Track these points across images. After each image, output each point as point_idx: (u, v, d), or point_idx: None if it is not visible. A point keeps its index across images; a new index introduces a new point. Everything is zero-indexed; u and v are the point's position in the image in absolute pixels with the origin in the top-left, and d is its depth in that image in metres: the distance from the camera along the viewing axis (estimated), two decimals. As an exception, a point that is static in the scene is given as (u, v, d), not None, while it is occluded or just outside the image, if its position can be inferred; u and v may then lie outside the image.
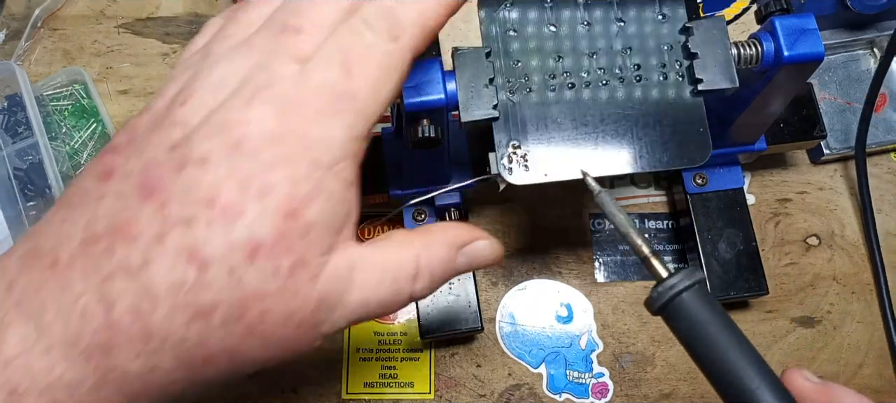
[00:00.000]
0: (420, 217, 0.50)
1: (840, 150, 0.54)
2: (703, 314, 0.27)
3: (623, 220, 0.30)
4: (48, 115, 0.54)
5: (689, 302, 0.27)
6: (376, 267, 0.27)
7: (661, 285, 0.28)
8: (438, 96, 0.37)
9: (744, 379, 0.26)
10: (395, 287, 0.27)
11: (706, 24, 0.38)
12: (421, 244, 0.28)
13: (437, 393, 0.50)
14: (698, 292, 0.27)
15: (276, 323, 0.25)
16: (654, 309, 0.28)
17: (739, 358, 0.26)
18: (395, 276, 0.27)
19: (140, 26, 0.58)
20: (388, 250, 0.27)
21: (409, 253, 0.27)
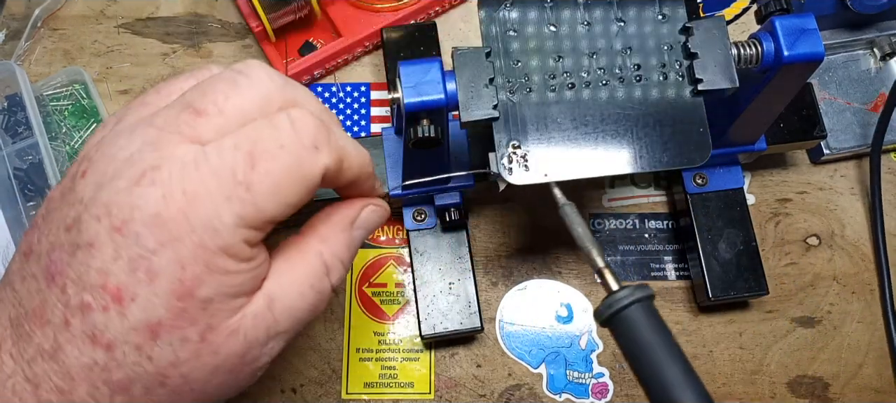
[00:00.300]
0: (420, 217, 0.50)
1: (840, 150, 0.54)
2: (645, 329, 0.28)
3: (581, 233, 0.31)
4: (48, 115, 0.54)
5: (634, 316, 0.28)
6: (293, 285, 0.27)
7: (610, 297, 0.29)
8: (438, 96, 0.36)
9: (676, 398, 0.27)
10: (314, 291, 0.28)
11: (706, 24, 0.38)
12: (318, 241, 0.29)
13: (437, 394, 0.50)
14: (644, 307, 0.28)
15: (205, 379, 0.25)
16: (601, 319, 0.29)
17: (674, 376, 0.27)
18: (311, 283, 0.28)
19: (140, 26, 0.58)
20: (296, 262, 0.28)
21: (312, 255, 0.28)
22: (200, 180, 0.24)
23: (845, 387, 0.51)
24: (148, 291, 0.23)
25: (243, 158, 0.24)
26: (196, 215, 0.23)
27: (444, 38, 0.56)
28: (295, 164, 0.25)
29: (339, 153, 0.26)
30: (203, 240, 0.24)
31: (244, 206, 0.24)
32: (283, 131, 0.25)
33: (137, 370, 0.24)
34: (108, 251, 0.23)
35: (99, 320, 0.24)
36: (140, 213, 0.23)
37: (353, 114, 0.55)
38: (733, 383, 0.51)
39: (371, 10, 0.55)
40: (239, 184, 0.24)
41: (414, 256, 0.49)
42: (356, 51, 0.56)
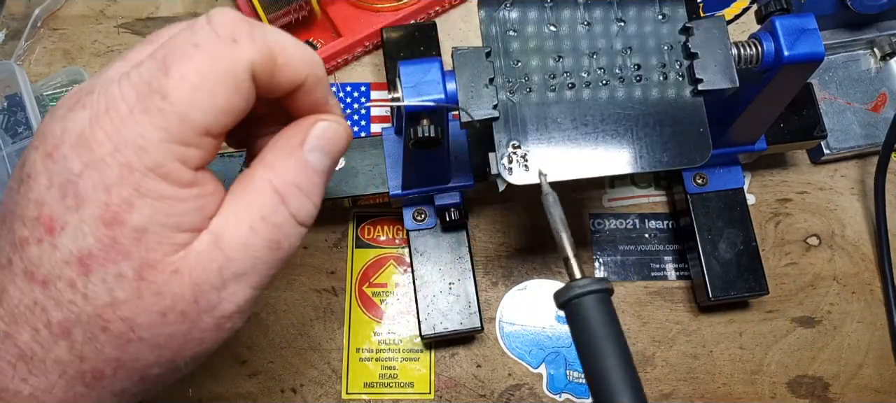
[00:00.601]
0: (420, 217, 0.50)
1: (840, 150, 0.54)
2: (597, 319, 0.29)
3: (557, 221, 0.32)
4: (48, 115, 0.54)
5: (588, 305, 0.29)
6: (241, 219, 0.24)
7: (571, 283, 0.30)
8: (438, 96, 0.36)
9: (613, 389, 0.28)
10: (269, 224, 0.25)
11: (706, 23, 0.38)
12: (265, 168, 0.25)
13: (437, 394, 0.50)
14: (600, 299, 0.29)
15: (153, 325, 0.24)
16: (558, 302, 0.30)
17: (615, 368, 0.28)
18: (263, 214, 0.25)
19: (140, 26, 0.58)
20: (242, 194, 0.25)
21: (261, 183, 0.25)
22: (121, 96, 0.22)
23: (845, 387, 0.51)
24: (76, 218, 0.22)
25: (158, 65, 0.22)
26: (118, 133, 0.22)
27: (444, 38, 0.56)
28: (212, 62, 0.22)
29: (270, 46, 0.24)
30: (129, 160, 0.22)
31: (165, 117, 0.22)
32: (198, 31, 0.23)
33: (74, 310, 0.23)
34: (43, 179, 0.22)
35: (34, 254, 0.22)
36: (68, 136, 0.22)
37: (353, 114, 0.55)
38: (733, 383, 0.51)
39: (371, 10, 0.55)
40: (154, 92, 0.22)
41: (414, 256, 0.49)
42: (356, 51, 0.56)
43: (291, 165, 0.26)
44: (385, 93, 0.56)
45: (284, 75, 0.25)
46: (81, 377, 0.24)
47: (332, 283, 0.52)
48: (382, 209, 0.53)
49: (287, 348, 0.50)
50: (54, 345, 0.23)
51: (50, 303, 0.23)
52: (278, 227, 0.25)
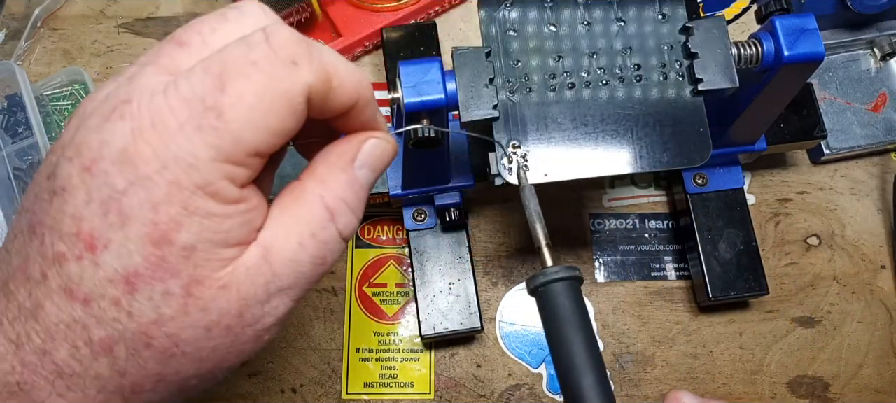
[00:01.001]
0: (420, 217, 0.50)
1: (840, 150, 0.54)
2: (565, 306, 0.30)
3: (532, 211, 0.33)
4: (48, 115, 0.54)
5: (558, 292, 0.30)
6: (292, 234, 0.24)
7: (542, 270, 0.31)
8: (438, 96, 0.36)
9: (578, 373, 0.29)
10: (317, 240, 0.25)
11: (706, 23, 0.38)
12: (317, 183, 0.25)
13: (437, 394, 0.50)
14: (569, 286, 0.30)
15: (198, 339, 0.23)
16: (529, 288, 0.31)
17: (580, 352, 0.29)
18: (312, 231, 0.24)
19: (140, 26, 0.58)
20: (293, 209, 0.25)
21: (313, 199, 0.25)
22: (169, 109, 0.21)
23: (845, 387, 0.51)
24: (121, 236, 0.21)
25: (212, 81, 0.21)
26: (166, 150, 0.21)
27: (444, 38, 0.56)
28: (271, 83, 0.22)
29: (326, 70, 0.23)
30: (177, 178, 0.21)
31: (219, 136, 0.21)
32: (255, 47, 0.22)
33: (118, 327, 0.22)
34: (81, 194, 0.21)
35: (74, 271, 0.22)
36: (108, 150, 0.21)
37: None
38: (733, 383, 0.51)
39: (371, 10, 0.55)
40: (209, 110, 0.21)
41: (414, 256, 0.49)
42: (356, 51, 0.56)
43: (343, 181, 0.26)
44: (385, 93, 0.56)
45: (337, 98, 0.24)
46: (120, 391, 0.23)
47: (332, 283, 0.52)
48: (382, 209, 0.53)
49: (287, 348, 0.50)
50: (95, 362, 0.23)
51: (91, 321, 0.22)
52: (325, 244, 0.25)
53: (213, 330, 0.23)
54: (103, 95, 0.23)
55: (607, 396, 0.29)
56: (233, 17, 0.24)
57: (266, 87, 0.22)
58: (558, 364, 0.30)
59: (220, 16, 0.24)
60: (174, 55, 0.23)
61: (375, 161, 0.27)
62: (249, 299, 0.23)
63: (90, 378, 0.23)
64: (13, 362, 0.23)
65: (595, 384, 0.29)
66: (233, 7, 0.24)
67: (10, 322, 0.23)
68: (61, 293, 0.22)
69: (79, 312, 0.22)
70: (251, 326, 0.24)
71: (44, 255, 0.22)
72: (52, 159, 0.23)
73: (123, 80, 0.23)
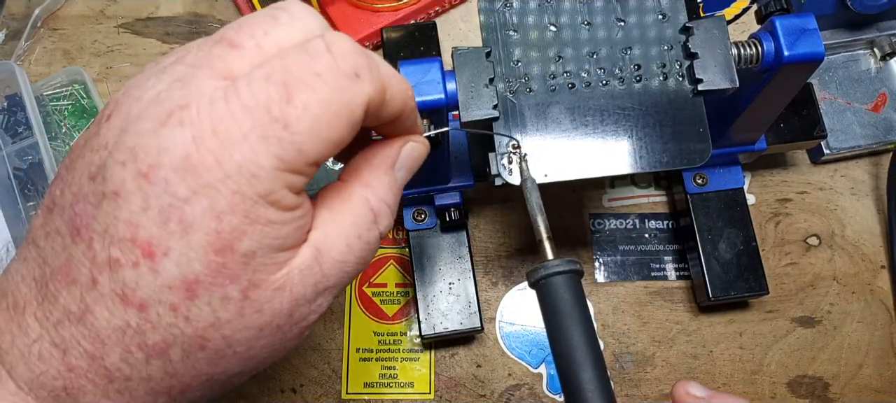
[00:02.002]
0: (420, 217, 0.50)
1: (840, 150, 0.54)
2: (565, 299, 0.30)
3: (534, 205, 0.33)
4: (48, 115, 0.54)
5: (558, 286, 0.30)
6: (340, 236, 0.25)
7: (542, 264, 0.31)
8: (438, 96, 0.36)
9: (578, 367, 0.29)
10: (363, 241, 0.26)
11: (706, 23, 0.38)
12: (362, 186, 0.26)
13: (437, 394, 0.50)
14: (569, 280, 0.30)
15: (249, 339, 0.23)
16: (530, 281, 0.31)
17: (580, 346, 0.29)
18: (359, 232, 0.25)
19: (140, 26, 0.58)
20: (342, 211, 0.25)
21: (359, 202, 0.26)
22: (232, 118, 0.21)
23: (845, 387, 0.51)
24: (182, 245, 0.21)
25: (277, 90, 0.21)
26: (230, 159, 0.21)
27: (444, 38, 0.56)
28: (335, 95, 0.22)
29: (383, 82, 0.24)
30: (240, 187, 0.21)
31: (283, 147, 0.21)
32: (319, 58, 0.22)
33: (174, 332, 0.22)
34: (136, 200, 0.21)
35: (129, 277, 0.21)
36: (168, 157, 0.21)
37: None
38: (733, 383, 0.51)
39: (371, 10, 0.55)
40: (275, 120, 0.21)
41: (414, 256, 0.49)
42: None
43: (386, 184, 0.27)
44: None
45: (389, 109, 0.25)
46: (169, 392, 0.23)
47: (332, 283, 0.52)
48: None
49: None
50: (147, 366, 0.23)
51: (147, 326, 0.22)
52: (368, 244, 0.26)
53: (265, 329, 0.24)
54: (151, 96, 0.22)
55: (606, 390, 0.29)
56: (284, 20, 0.23)
57: (330, 99, 0.22)
58: (557, 358, 0.30)
59: (271, 18, 0.23)
60: (227, 58, 0.23)
61: (412, 163, 0.28)
62: (299, 299, 0.24)
63: (140, 380, 0.23)
64: (59, 367, 0.22)
65: (594, 377, 0.29)
66: (281, 8, 0.24)
67: (54, 325, 0.22)
68: (114, 298, 0.22)
69: (133, 317, 0.22)
70: (297, 324, 0.25)
71: (93, 260, 0.22)
72: (94, 159, 0.22)
73: (174, 82, 0.22)
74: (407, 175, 0.28)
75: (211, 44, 0.23)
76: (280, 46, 0.23)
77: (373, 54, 0.24)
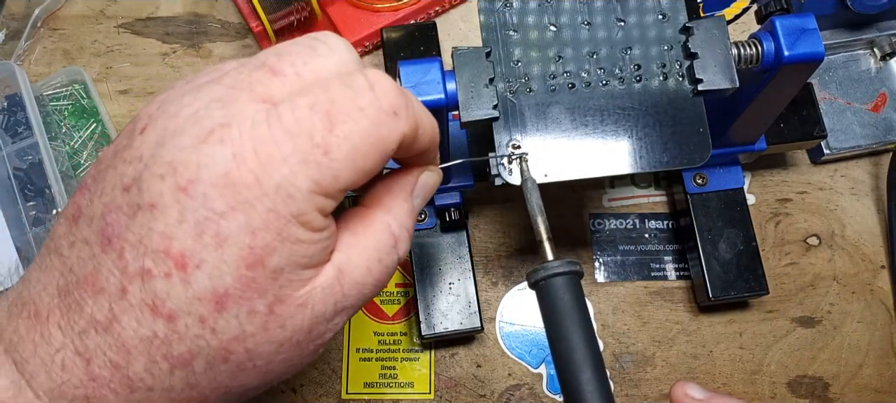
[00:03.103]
0: (420, 217, 0.50)
1: (840, 150, 0.54)
2: (565, 300, 0.30)
3: (534, 205, 0.33)
4: (48, 115, 0.54)
5: (558, 287, 0.30)
6: (362, 258, 0.26)
7: (542, 264, 0.31)
8: (438, 96, 0.37)
9: (577, 368, 0.29)
10: (382, 265, 0.27)
11: (706, 23, 0.38)
12: (384, 212, 0.27)
13: (437, 394, 0.50)
14: (570, 281, 0.30)
15: (269, 354, 0.24)
16: (530, 282, 0.31)
17: (579, 347, 0.29)
18: (379, 256, 0.26)
19: (140, 26, 0.58)
20: (364, 235, 0.26)
21: (381, 227, 0.27)
22: (274, 140, 0.22)
23: (845, 387, 0.51)
24: (215, 258, 0.22)
25: (321, 120, 0.22)
26: (269, 178, 0.22)
27: (444, 38, 0.56)
28: (374, 129, 0.23)
29: (416, 121, 0.25)
30: (276, 206, 0.22)
31: (321, 172, 0.22)
32: (362, 93, 0.23)
33: (200, 343, 0.23)
34: (173, 213, 0.22)
35: (160, 288, 0.22)
36: (208, 173, 0.22)
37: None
38: (733, 383, 0.51)
39: (371, 10, 0.55)
40: (316, 146, 0.22)
41: (414, 256, 0.49)
42: (356, 51, 0.56)
43: (405, 210, 0.28)
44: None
45: (418, 145, 0.26)
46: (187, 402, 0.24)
47: (332, 283, 0.52)
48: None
49: (287, 348, 0.50)
50: (170, 376, 0.23)
51: (174, 337, 0.22)
52: (387, 268, 0.27)
53: (285, 345, 0.24)
54: (189, 113, 0.23)
55: (605, 391, 0.29)
56: (323, 52, 0.25)
57: (369, 133, 0.23)
58: (557, 359, 0.30)
59: (311, 49, 0.25)
60: (268, 84, 0.23)
61: (427, 191, 0.30)
62: (320, 316, 0.25)
63: (162, 391, 0.23)
64: (82, 376, 0.23)
65: (593, 379, 0.29)
66: (319, 40, 0.25)
67: (79, 334, 0.23)
68: (144, 308, 0.22)
69: (161, 327, 0.22)
70: (314, 341, 0.25)
71: (123, 269, 0.22)
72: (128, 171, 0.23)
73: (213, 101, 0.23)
74: (422, 202, 0.29)
75: (252, 68, 0.24)
76: (318, 77, 0.24)
77: (410, 94, 0.25)
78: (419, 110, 0.26)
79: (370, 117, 0.23)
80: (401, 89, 0.25)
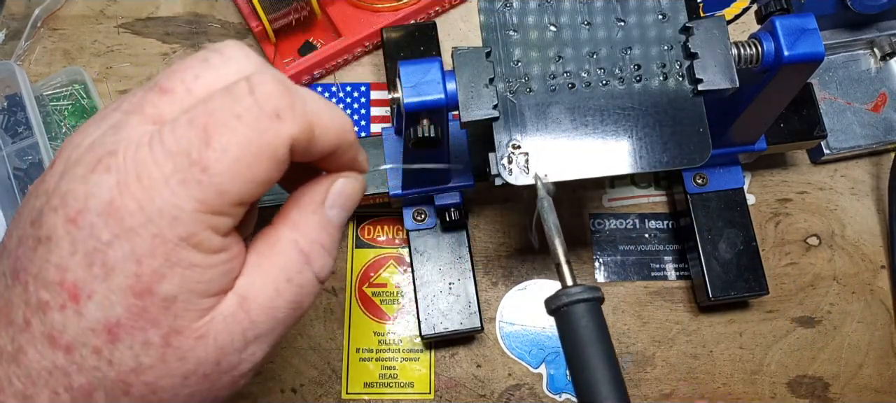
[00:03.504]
0: (420, 217, 0.50)
1: (840, 150, 0.54)
2: (587, 328, 0.29)
3: (551, 226, 0.32)
4: (48, 115, 0.54)
5: (580, 314, 0.29)
6: (267, 281, 0.25)
7: (563, 290, 0.30)
8: (438, 96, 0.36)
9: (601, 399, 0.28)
10: (294, 285, 0.25)
11: (706, 23, 0.38)
12: (290, 228, 0.26)
13: (437, 394, 0.50)
14: (591, 308, 0.29)
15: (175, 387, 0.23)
16: (549, 309, 0.30)
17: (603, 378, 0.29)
18: (288, 276, 0.25)
19: (140, 26, 0.58)
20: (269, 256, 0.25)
21: (287, 244, 0.25)
22: (154, 163, 0.21)
23: (845, 387, 0.51)
24: (104, 288, 0.22)
25: (197, 135, 0.22)
26: (151, 203, 0.21)
27: (444, 38, 0.56)
28: (255, 136, 0.22)
29: (308, 119, 0.23)
30: (161, 231, 0.22)
31: (203, 189, 0.22)
32: (240, 99, 0.22)
33: (97, 375, 0.22)
34: (65, 244, 0.22)
35: (57, 320, 0.22)
36: (94, 202, 0.21)
37: (353, 114, 0.55)
38: (733, 383, 0.51)
39: (371, 10, 0.55)
40: (194, 164, 0.21)
41: (414, 256, 0.49)
42: (356, 51, 0.56)
43: (315, 223, 0.26)
44: (384, 93, 0.56)
45: (319, 145, 0.25)
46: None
47: (332, 283, 0.52)
48: (382, 209, 0.53)
49: (287, 348, 0.50)
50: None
51: (73, 368, 0.22)
52: (302, 287, 0.25)
53: (191, 378, 0.24)
54: (88, 142, 0.23)
55: None
56: (216, 63, 0.24)
57: (250, 140, 0.22)
58: (579, 390, 0.29)
59: (203, 61, 0.24)
60: (158, 103, 0.23)
61: (346, 200, 0.27)
62: (227, 347, 0.24)
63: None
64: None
65: None
66: (215, 50, 0.24)
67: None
68: (44, 340, 0.22)
69: (61, 359, 0.22)
70: (227, 373, 0.24)
71: (28, 302, 0.22)
72: (36, 205, 0.23)
73: (108, 128, 0.23)
74: (342, 212, 0.27)
75: (145, 90, 0.23)
76: (210, 89, 0.23)
77: (300, 91, 0.24)
78: (314, 108, 0.24)
79: (248, 124, 0.22)
80: (287, 88, 0.23)
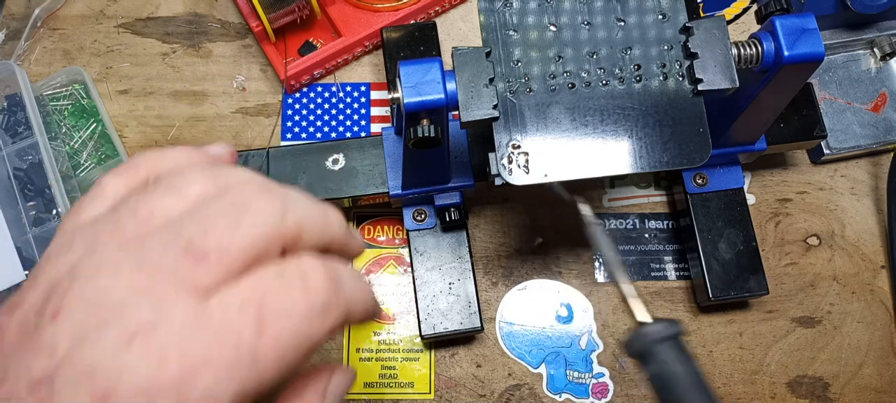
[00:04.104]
0: (420, 217, 0.50)
1: (840, 150, 0.54)
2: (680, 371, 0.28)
3: (610, 259, 0.31)
4: (48, 115, 0.54)
5: (665, 353, 0.28)
6: None
7: (641, 329, 0.29)
8: (438, 96, 0.36)
9: None
10: None
11: (706, 23, 0.38)
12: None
13: (437, 394, 0.50)
14: (675, 344, 0.29)
15: None
16: (631, 351, 0.29)
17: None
18: None
19: (140, 26, 0.58)
20: None
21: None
22: (203, 345, 0.20)
23: (845, 387, 0.51)
24: None
25: (251, 323, 0.21)
26: (192, 387, 0.20)
27: (444, 37, 0.56)
28: (304, 331, 0.22)
29: (347, 308, 0.24)
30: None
31: (247, 376, 0.21)
32: (293, 290, 0.22)
33: None
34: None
35: None
36: (129, 381, 0.20)
37: (352, 114, 0.55)
38: (733, 383, 0.51)
39: (371, 9, 0.55)
40: (246, 352, 0.21)
41: (414, 256, 0.49)
42: (356, 51, 0.56)
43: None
44: (384, 93, 0.56)
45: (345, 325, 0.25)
46: None
47: (332, 283, 0.52)
48: (382, 209, 0.53)
49: (287, 348, 0.50)
50: None
51: None
52: None
53: None
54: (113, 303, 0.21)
55: None
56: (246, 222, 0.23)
57: (299, 333, 0.22)
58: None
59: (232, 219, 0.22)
60: (195, 271, 0.22)
61: (341, 392, 0.28)
62: None
63: None
64: None
65: None
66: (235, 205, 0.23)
67: None
68: None
69: None
70: None
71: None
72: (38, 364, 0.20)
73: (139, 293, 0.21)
74: (337, 401, 0.28)
75: (179, 250, 0.22)
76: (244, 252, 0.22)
77: (342, 278, 0.24)
78: (351, 294, 0.24)
79: (301, 318, 0.22)
80: (331, 279, 0.23)
